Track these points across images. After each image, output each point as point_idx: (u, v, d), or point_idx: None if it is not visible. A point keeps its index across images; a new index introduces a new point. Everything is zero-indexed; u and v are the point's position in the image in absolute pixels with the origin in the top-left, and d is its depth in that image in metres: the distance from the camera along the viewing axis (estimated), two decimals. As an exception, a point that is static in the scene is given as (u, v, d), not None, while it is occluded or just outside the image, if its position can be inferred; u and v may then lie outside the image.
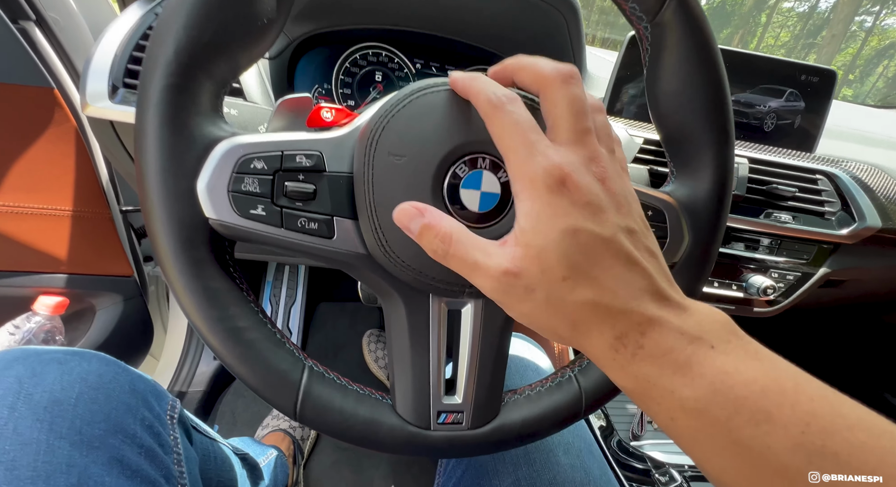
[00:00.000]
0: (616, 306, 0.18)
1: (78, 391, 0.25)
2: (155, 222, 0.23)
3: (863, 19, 24.13)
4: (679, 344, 0.17)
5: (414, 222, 0.21)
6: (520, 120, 0.19)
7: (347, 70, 0.59)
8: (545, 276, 0.18)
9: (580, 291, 0.18)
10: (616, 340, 0.18)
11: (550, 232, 0.18)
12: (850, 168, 0.58)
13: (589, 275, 0.18)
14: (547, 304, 0.18)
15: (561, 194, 0.18)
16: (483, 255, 0.19)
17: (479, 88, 0.21)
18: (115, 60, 0.43)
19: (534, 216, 0.18)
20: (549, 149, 0.19)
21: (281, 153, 0.25)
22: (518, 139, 0.19)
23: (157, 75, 0.22)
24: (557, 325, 0.19)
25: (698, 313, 0.19)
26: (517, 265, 0.19)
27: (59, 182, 0.58)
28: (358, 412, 0.27)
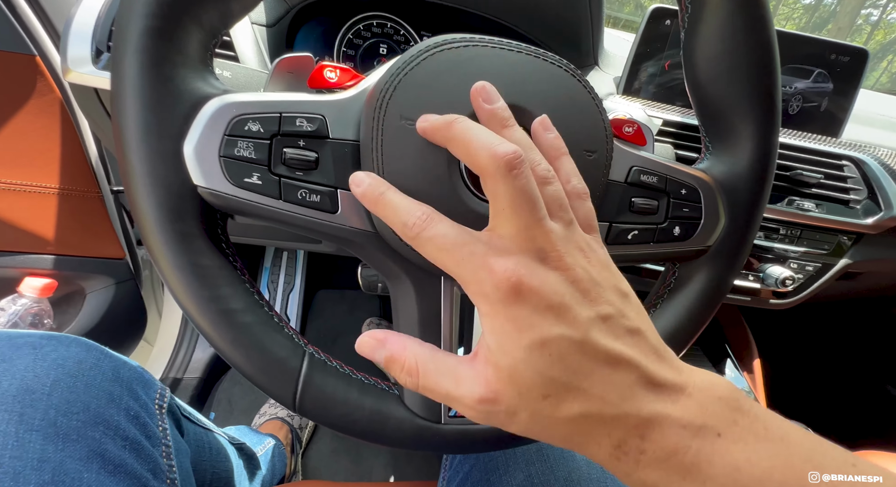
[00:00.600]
0: (609, 413, 0.16)
1: (53, 378, 0.23)
2: (136, 189, 0.21)
3: (869, 12, 23.82)
4: (683, 441, 0.16)
5: (377, 353, 0.20)
6: (442, 243, 0.17)
7: (350, 41, 0.56)
8: (524, 398, 0.16)
9: (566, 406, 0.16)
10: (615, 449, 0.16)
11: (516, 350, 0.16)
12: (878, 154, 0.55)
13: (570, 387, 0.16)
14: (534, 424, 0.17)
15: (518, 303, 0.16)
16: (454, 384, 0.18)
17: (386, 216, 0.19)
18: (98, 21, 0.39)
19: (496, 332, 0.17)
20: (489, 256, 0.17)
21: (279, 115, 0.22)
22: (451, 261, 0.17)
23: (136, 15, 0.19)
24: (552, 439, 0.18)
25: (698, 391, 0.17)
26: (491, 389, 0.17)
27: (43, 157, 0.55)
28: (363, 403, 0.25)
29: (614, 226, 0.28)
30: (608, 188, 0.27)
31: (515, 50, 0.24)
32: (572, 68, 0.25)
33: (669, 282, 0.31)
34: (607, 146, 0.25)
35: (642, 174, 0.28)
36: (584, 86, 0.25)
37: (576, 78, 0.25)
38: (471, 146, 0.17)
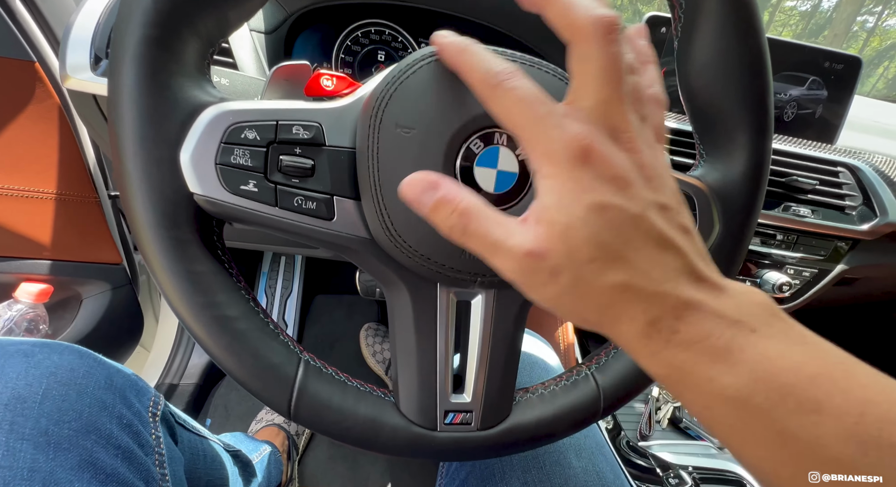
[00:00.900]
0: (649, 289, 0.16)
1: (45, 386, 0.23)
2: (132, 196, 0.21)
3: (864, 19, 24.10)
4: (717, 328, 0.16)
5: (426, 195, 0.18)
6: (524, 95, 0.17)
7: (348, 48, 0.56)
8: (571, 258, 0.16)
9: (610, 273, 0.16)
10: (649, 326, 0.17)
11: (575, 208, 0.16)
12: (873, 161, 0.56)
13: (619, 256, 0.16)
14: (573, 288, 0.17)
15: (584, 167, 0.16)
16: (504, 233, 0.17)
17: (471, 65, 0.19)
18: (98, 27, 0.40)
19: (556, 191, 0.17)
20: (566, 118, 0.17)
21: (276, 123, 0.22)
22: (527, 115, 0.17)
23: (134, 24, 0.19)
24: (584, 310, 0.18)
25: (737, 294, 0.17)
26: (542, 245, 0.17)
27: (41, 162, 0.55)
28: (358, 411, 0.25)
29: None
30: None
31: (510, 58, 0.24)
32: (564, 75, 0.25)
33: None
34: None
35: None
36: None
37: (566, 84, 0.25)
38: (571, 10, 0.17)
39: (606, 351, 0.31)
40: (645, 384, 0.30)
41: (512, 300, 0.27)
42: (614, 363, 0.30)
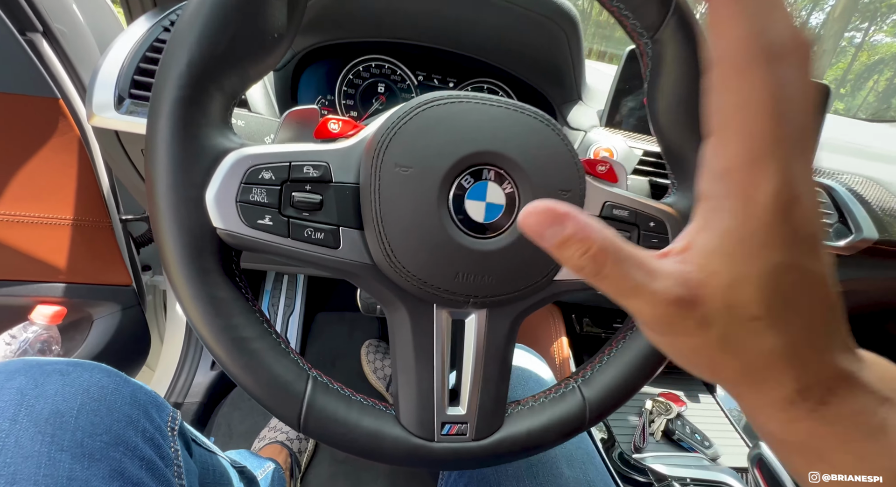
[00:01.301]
0: (809, 358, 0.15)
1: (80, 402, 0.25)
2: (163, 231, 0.23)
3: (852, 35, 24.73)
4: (870, 404, 0.15)
5: (551, 232, 0.15)
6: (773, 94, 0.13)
7: (350, 81, 0.60)
8: (730, 312, 0.15)
9: (769, 336, 0.15)
10: (797, 393, 0.15)
11: (758, 262, 0.14)
12: (846, 180, 0.59)
13: (785, 319, 0.15)
14: (721, 344, 0.15)
15: (785, 221, 0.14)
16: (647, 276, 0.15)
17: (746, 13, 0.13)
18: (121, 71, 0.43)
19: (738, 240, 0.14)
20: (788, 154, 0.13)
21: (289, 164, 0.25)
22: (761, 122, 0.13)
23: (169, 87, 0.22)
24: (725, 368, 0.16)
25: (877, 365, 0.16)
26: (694, 293, 0.15)
27: (61, 191, 0.58)
28: (361, 423, 0.27)
29: None
30: None
31: (495, 104, 0.27)
32: (546, 118, 0.28)
33: None
34: (580, 185, 0.28)
35: (614, 208, 0.31)
36: (557, 133, 0.28)
37: (549, 127, 0.28)
38: None
39: (592, 365, 0.33)
40: (628, 396, 0.32)
41: (502, 318, 0.30)
42: (599, 376, 0.32)
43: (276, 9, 0.24)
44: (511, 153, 0.26)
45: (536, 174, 0.27)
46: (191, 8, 0.23)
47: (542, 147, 0.27)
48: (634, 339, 0.33)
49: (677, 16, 0.28)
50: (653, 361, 0.32)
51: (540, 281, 0.29)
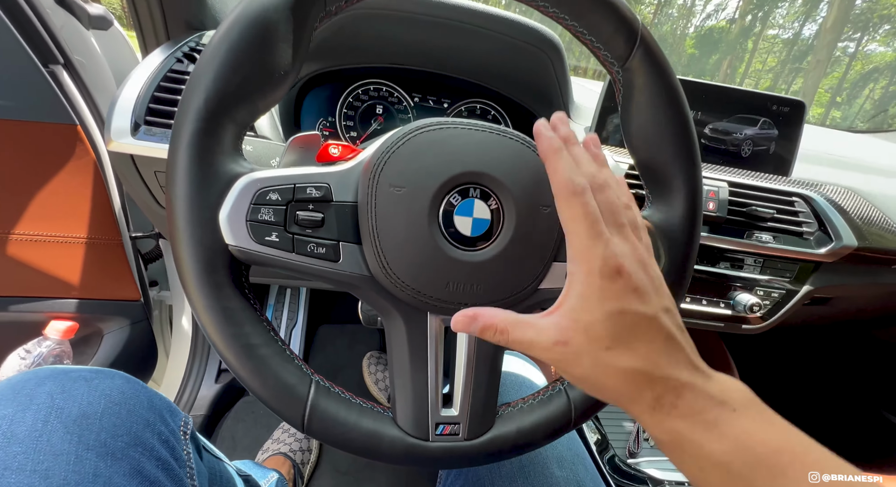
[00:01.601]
0: (657, 374, 0.21)
1: (103, 406, 0.27)
2: (181, 248, 0.26)
3: (846, 45, 25.13)
4: (707, 405, 0.21)
5: (473, 326, 0.25)
6: (590, 210, 0.22)
7: (350, 104, 0.63)
8: (592, 345, 0.22)
9: (624, 359, 0.21)
10: (654, 401, 0.21)
11: (599, 311, 0.22)
12: (825, 191, 0.62)
13: (632, 347, 0.21)
14: (594, 368, 0.22)
15: (614, 281, 0.22)
16: (535, 333, 0.23)
17: (558, 168, 0.24)
18: (138, 100, 0.47)
19: (585, 297, 0.22)
20: (612, 240, 0.22)
21: (293, 185, 0.28)
22: (585, 227, 0.22)
23: (189, 120, 0.25)
24: (604, 388, 0.22)
25: (722, 382, 0.22)
26: (565, 335, 0.22)
27: (76, 211, 0.61)
28: (361, 424, 0.29)
29: None
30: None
31: (480, 129, 0.30)
32: (527, 141, 0.31)
33: None
34: None
35: None
36: (537, 154, 0.31)
37: (530, 148, 0.31)
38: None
39: None
40: None
41: None
42: None
43: (282, 50, 0.27)
44: (494, 173, 0.29)
45: (518, 191, 0.29)
46: (209, 51, 0.26)
47: (523, 166, 0.30)
48: None
49: (643, 48, 0.31)
50: None
51: (525, 289, 0.31)
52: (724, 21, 35.08)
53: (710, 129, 0.64)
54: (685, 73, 35.96)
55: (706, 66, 33.51)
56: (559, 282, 0.32)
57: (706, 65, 33.62)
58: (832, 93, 25.02)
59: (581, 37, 0.32)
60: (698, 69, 33.63)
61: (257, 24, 0.26)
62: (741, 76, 31.56)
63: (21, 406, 0.26)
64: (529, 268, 0.31)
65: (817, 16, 30.24)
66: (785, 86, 29.85)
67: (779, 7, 31.20)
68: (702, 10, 36.90)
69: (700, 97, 0.63)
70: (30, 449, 0.24)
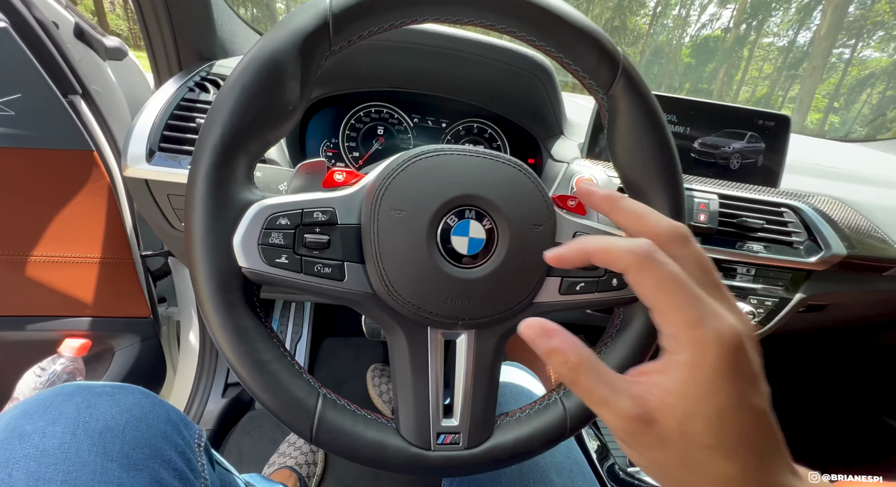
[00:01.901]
0: (758, 480, 0.17)
1: (125, 420, 0.29)
2: (199, 272, 0.28)
3: (841, 51, 25.38)
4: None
5: (542, 341, 0.20)
6: (676, 271, 0.18)
7: (353, 126, 0.66)
8: (685, 438, 0.17)
9: (724, 463, 0.17)
10: None
11: (709, 405, 0.17)
12: (813, 201, 0.63)
13: (737, 450, 0.17)
14: (683, 464, 0.18)
15: (732, 366, 0.17)
16: (611, 393, 0.18)
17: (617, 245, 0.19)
18: (153, 128, 0.50)
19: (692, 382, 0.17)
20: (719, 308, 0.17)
21: (301, 211, 0.30)
22: (682, 293, 0.17)
23: (206, 154, 0.28)
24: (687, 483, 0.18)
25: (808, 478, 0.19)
26: (652, 415, 0.17)
27: (90, 232, 0.64)
28: (366, 434, 0.31)
29: (565, 280, 0.34)
30: None
31: (474, 155, 0.32)
32: (519, 165, 0.33)
33: (616, 324, 0.38)
34: (550, 219, 0.33)
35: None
36: (529, 177, 0.33)
37: (521, 172, 0.33)
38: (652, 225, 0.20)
39: None
40: None
41: (489, 338, 0.34)
42: None
43: (291, 88, 0.30)
44: (488, 195, 0.31)
45: (511, 211, 0.32)
46: (224, 90, 0.28)
47: (516, 189, 0.32)
48: (609, 354, 0.36)
49: (624, 76, 0.34)
50: (630, 365, 0.35)
51: (521, 303, 0.33)
52: (719, 30, 35.59)
53: (699, 144, 0.66)
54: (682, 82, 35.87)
55: (703, 74, 33.87)
56: (553, 296, 0.34)
57: (703, 73, 33.99)
58: (829, 99, 25.21)
59: (567, 67, 0.35)
60: (695, 77, 33.99)
61: (268, 66, 0.28)
62: (738, 83, 31.86)
63: (51, 420, 0.27)
64: (523, 283, 0.32)
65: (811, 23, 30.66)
66: (782, 92, 30.08)
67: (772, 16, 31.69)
68: (696, 20, 37.49)
69: (689, 113, 0.65)
70: (60, 461, 0.26)
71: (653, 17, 37.12)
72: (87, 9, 4.65)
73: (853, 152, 0.92)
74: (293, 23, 0.29)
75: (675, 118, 0.65)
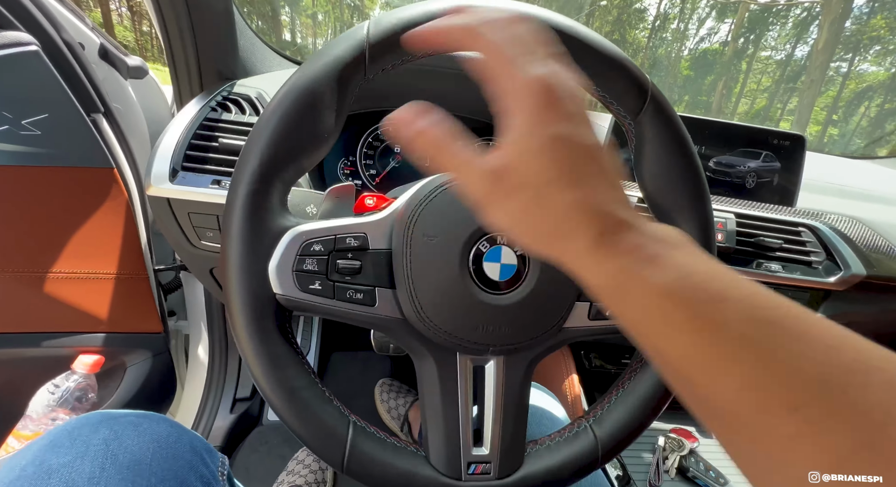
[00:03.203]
0: (599, 208, 0.20)
1: (152, 451, 0.29)
2: (234, 298, 0.28)
3: (838, 65, 25.68)
4: (647, 242, 0.20)
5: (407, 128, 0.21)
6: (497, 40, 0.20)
7: (370, 144, 0.67)
8: (535, 177, 0.19)
9: (568, 192, 0.19)
10: (595, 239, 0.20)
11: (541, 137, 0.19)
12: (830, 220, 0.63)
13: (575, 179, 0.19)
14: (535, 202, 0.20)
15: (548, 105, 0.19)
16: (471, 155, 0.20)
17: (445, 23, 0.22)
18: (176, 147, 0.50)
19: (524, 124, 0.19)
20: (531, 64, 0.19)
21: (334, 236, 0.30)
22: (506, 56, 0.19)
23: (244, 182, 0.28)
24: (540, 225, 0.20)
25: (655, 224, 0.21)
26: (506, 163, 0.20)
27: (106, 248, 0.64)
28: (396, 464, 0.30)
29: (594, 305, 0.34)
30: None
31: None
32: None
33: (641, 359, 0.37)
34: None
35: None
36: None
37: None
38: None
39: (602, 405, 0.36)
40: (637, 433, 0.35)
41: (518, 364, 0.33)
42: (609, 415, 0.35)
43: (327, 116, 0.30)
44: None
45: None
46: (263, 119, 0.29)
47: None
48: (641, 378, 0.36)
49: (653, 103, 0.34)
50: (659, 397, 0.35)
51: (550, 329, 0.33)
52: (718, 44, 36.10)
53: (714, 163, 0.66)
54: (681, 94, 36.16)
55: (702, 87, 34.23)
56: (583, 321, 0.34)
57: (702, 85, 34.36)
58: (828, 112, 25.41)
59: (595, 93, 0.35)
60: (694, 89, 34.35)
61: (307, 95, 0.29)
62: (737, 95, 32.18)
63: (79, 453, 0.27)
64: (554, 309, 0.32)
65: (808, 38, 31.08)
66: (780, 105, 30.36)
67: (770, 30, 32.16)
68: (695, 33, 38.05)
69: (703, 132, 0.66)
70: None
71: (651, 31, 37.69)
72: (96, 20, 4.81)
73: (866, 169, 0.92)
74: (332, 53, 0.29)
75: (690, 137, 0.66)
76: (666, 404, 0.35)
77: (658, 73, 35.45)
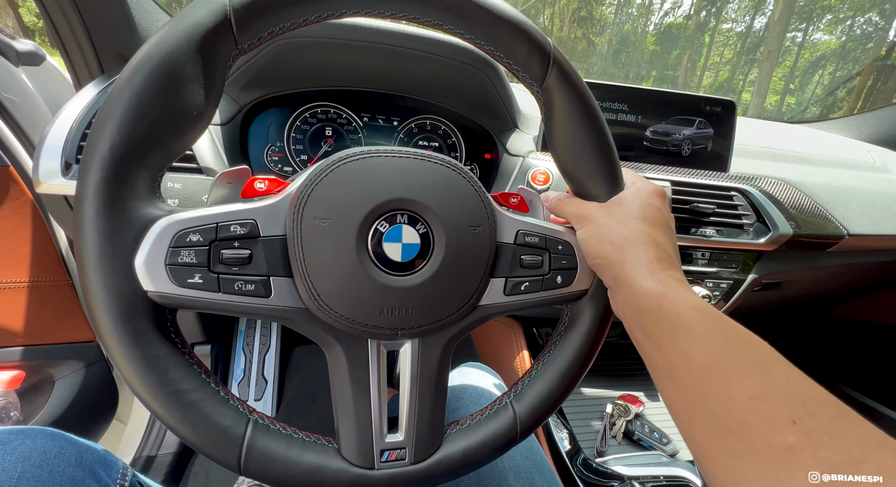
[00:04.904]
0: (661, 246, 0.32)
1: (20, 470, 0.26)
2: (94, 300, 0.25)
3: (794, 35, 26.53)
4: (683, 276, 0.31)
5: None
6: None
7: (298, 128, 0.63)
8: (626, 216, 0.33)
9: (645, 227, 0.32)
10: (655, 259, 0.31)
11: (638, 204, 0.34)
12: (761, 184, 0.65)
13: (652, 224, 0.33)
14: (621, 226, 0.32)
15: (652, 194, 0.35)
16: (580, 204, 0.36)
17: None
18: (68, 138, 0.45)
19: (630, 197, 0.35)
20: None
21: (216, 225, 0.28)
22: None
23: (93, 169, 0.25)
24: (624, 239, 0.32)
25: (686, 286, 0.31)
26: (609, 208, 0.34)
27: (14, 255, 0.59)
28: (303, 460, 0.29)
29: (509, 280, 0.33)
30: (502, 250, 0.33)
31: (404, 155, 0.31)
32: (453, 164, 0.31)
33: (565, 320, 0.37)
34: (489, 220, 0.32)
35: (526, 236, 0.34)
36: (464, 176, 0.31)
37: (456, 171, 0.31)
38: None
39: (522, 380, 0.35)
40: (555, 406, 0.35)
41: (433, 346, 0.32)
42: (528, 390, 0.35)
43: (193, 91, 0.27)
44: (420, 198, 0.30)
45: (446, 214, 0.30)
46: (111, 98, 0.25)
47: (450, 189, 0.31)
48: (558, 353, 0.35)
49: (556, 68, 0.33)
50: (575, 371, 0.35)
51: (463, 307, 0.31)
52: (682, 18, 36.59)
53: (651, 132, 0.66)
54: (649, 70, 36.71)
55: (668, 61, 34.78)
56: (498, 298, 0.33)
57: (668, 60, 34.89)
58: (786, 81, 26.35)
59: (500, 60, 0.33)
60: (661, 64, 34.88)
61: (161, 69, 0.25)
62: (701, 69, 32.88)
63: None
64: (465, 287, 0.31)
65: (766, 9, 31.90)
66: (742, 76, 31.22)
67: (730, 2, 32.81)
68: (659, 7, 38.40)
69: (639, 101, 0.65)
70: None
71: (618, 7, 37.79)
72: (2, 7, 4.13)
73: (800, 133, 0.94)
74: (187, 19, 0.26)
75: (627, 107, 0.65)
76: (583, 374, 0.35)
77: (626, 48, 35.76)
